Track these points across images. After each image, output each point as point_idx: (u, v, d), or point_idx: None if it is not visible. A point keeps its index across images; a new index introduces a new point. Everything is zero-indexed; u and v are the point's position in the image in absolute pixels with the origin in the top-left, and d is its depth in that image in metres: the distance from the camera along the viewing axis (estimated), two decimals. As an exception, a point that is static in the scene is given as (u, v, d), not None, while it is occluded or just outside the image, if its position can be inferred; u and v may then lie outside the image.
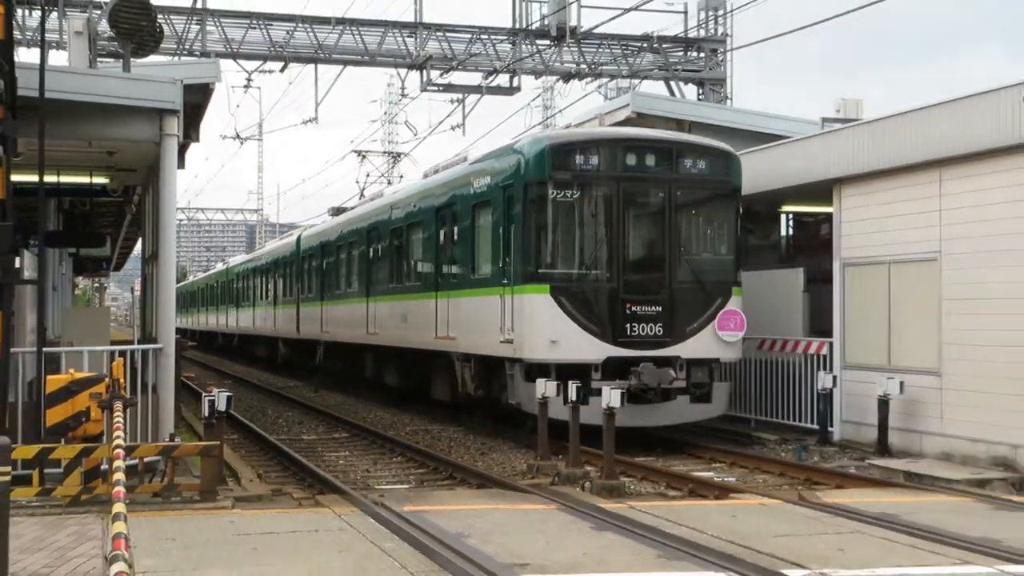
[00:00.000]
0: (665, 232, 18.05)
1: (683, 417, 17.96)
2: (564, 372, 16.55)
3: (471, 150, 22.24)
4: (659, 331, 17.48)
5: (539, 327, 17.15)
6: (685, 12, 31.90)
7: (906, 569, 9.17)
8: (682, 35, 31.80)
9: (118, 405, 11.95)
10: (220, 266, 63.47)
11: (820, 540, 10.35)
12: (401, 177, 38.96)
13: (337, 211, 35.39)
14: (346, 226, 30.31)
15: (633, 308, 17.45)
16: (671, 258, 17.96)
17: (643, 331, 17.40)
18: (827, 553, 9.71)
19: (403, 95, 35.36)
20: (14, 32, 12.79)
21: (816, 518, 11.63)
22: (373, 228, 27.01)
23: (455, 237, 20.90)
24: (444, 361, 21.26)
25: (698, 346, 17.71)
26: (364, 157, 41.60)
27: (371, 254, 27.04)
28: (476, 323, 19.29)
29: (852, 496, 12.88)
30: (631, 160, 18.02)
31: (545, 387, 15.54)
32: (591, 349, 17.20)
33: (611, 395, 13.80)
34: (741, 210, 19.01)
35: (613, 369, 17.14)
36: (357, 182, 41.62)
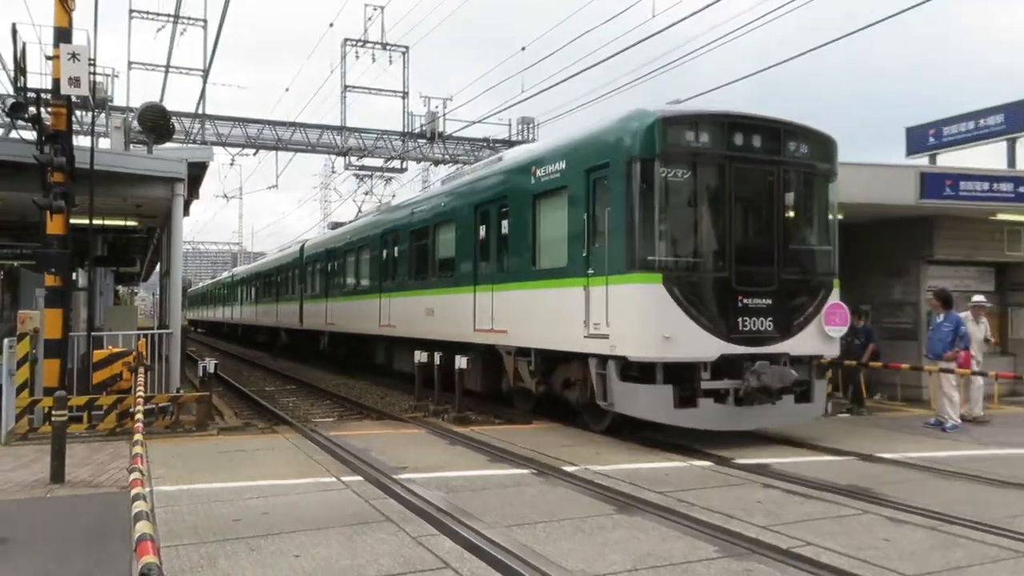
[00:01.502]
0: (775, 218, 11.05)
1: (788, 418, 11.10)
2: (671, 371, 10.32)
3: (505, 152, 15.32)
4: (769, 326, 10.72)
5: (650, 321, 10.13)
6: (509, 124, 33.07)
7: (639, 464, 9.37)
8: (507, 139, 32.62)
9: (141, 369, 11.65)
10: (225, 274, 54.75)
11: (587, 448, 10.55)
12: (394, 195, 33.44)
13: (335, 225, 30.04)
14: (355, 233, 22.46)
15: (745, 301, 10.59)
16: (780, 246, 10.98)
17: (755, 326, 10.64)
18: (590, 456, 9.92)
19: (333, 171, 35.52)
20: (73, 125, 12.23)
21: (588, 436, 11.86)
22: (390, 231, 19.05)
23: (504, 230, 13.35)
24: (480, 353, 14.12)
25: (804, 342, 11.03)
26: (362, 179, 37.09)
27: (385, 255, 19.20)
28: (542, 316, 12.15)
29: (607, 421, 13.09)
30: (739, 140, 10.86)
31: (639, 390, 10.31)
32: (706, 346, 10.32)
33: (460, 361, 13.70)
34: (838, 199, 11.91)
35: (721, 367, 10.47)
36: (354, 200, 37.37)
